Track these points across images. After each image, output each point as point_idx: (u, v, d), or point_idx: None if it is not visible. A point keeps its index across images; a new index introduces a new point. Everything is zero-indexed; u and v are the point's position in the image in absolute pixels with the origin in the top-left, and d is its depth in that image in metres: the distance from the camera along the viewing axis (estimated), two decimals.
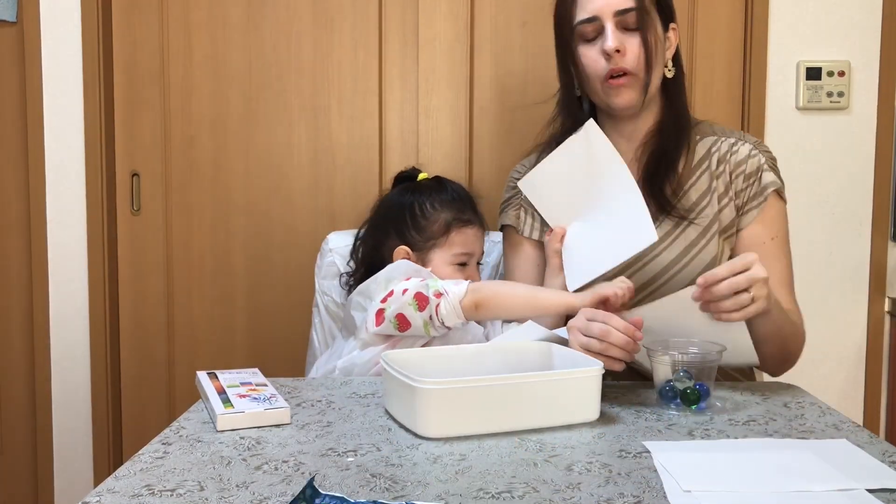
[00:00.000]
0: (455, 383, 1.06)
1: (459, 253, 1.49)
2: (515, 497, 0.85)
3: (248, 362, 2.14)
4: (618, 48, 1.36)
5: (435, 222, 1.49)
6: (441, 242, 1.49)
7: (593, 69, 1.40)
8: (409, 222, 1.50)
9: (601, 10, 1.37)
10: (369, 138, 2.14)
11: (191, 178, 2.16)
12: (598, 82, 1.41)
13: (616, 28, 1.37)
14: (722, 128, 1.51)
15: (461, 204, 1.52)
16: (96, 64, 2.10)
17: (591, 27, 1.39)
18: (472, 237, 1.51)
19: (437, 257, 1.48)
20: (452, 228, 1.49)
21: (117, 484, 0.89)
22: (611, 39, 1.36)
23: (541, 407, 1.08)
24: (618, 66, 1.37)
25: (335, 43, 2.13)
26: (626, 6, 1.37)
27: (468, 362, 1.21)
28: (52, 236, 2.16)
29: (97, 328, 2.16)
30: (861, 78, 2.10)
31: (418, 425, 1.04)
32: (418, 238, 1.49)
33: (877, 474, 0.91)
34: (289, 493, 0.86)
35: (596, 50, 1.39)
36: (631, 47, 1.37)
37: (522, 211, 1.55)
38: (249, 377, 1.27)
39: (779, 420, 1.13)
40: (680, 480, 0.89)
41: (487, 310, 1.36)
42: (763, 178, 1.44)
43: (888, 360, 2.15)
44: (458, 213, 1.50)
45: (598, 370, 1.10)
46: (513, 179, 1.58)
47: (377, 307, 1.37)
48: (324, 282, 1.73)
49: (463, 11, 2.10)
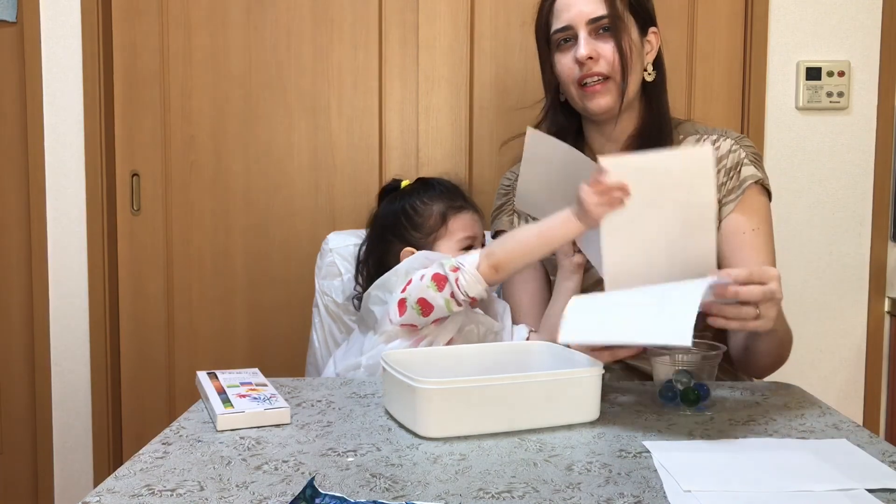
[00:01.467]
0: (455, 383, 1.06)
1: (462, 237, 1.49)
2: (515, 497, 0.85)
3: (248, 362, 2.14)
4: (590, 55, 1.39)
5: (430, 216, 1.50)
6: (442, 233, 1.49)
7: (568, 75, 1.44)
8: (406, 224, 1.50)
9: (574, 19, 1.41)
10: (369, 138, 2.14)
11: (191, 178, 2.16)
12: (573, 87, 1.44)
13: (589, 35, 1.40)
14: (705, 126, 1.52)
15: (451, 194, 1.53)
16: (96, 64, 2.10)
17: (565, 35, 1.43)
18: (470, 220, 1.51)
19: (442, 248, 1.48)
20: (449, 216, 1.49)
21: (117, 484, 0.89)
22: (583, 47, 1.40)
23: (541, 407, 1.08)
24: (590, 72, 1.40)
25: (335, 43, 2.13)
26: (599, 14, 1.40)
27: (469, 362, 1.21)
28: (52, 236, 2.16)
29: (97, 328, 2.16)
30: (861, 78, 2.10)
31: (418, 425, 1.04)
32: (419, 236, 1.49)
33: (877, 474, 0.91)
34: (289, 493, 0.86)
35: (570, 57, 1.42)
36: (605, 53, 1.40)
37: (516, 216, 1.55)
38: (249, 377, 1.27)
39: (779, 420, 1.13)
40: (680, 480, 0.89)
41: (506, 267, 1.33)
42: (742, 172, 1.44)
43: (888, 360, 2.15)
44: (450, 202, 1.51)
45: (598, 370, 1.10)
46: (504, 186, 1.59)
47: (398, 297, 1.37)
48: (324, 282, 1.73)
49: (463, 11, 2.10)
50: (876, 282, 2.13)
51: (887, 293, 2.14)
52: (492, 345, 1.33)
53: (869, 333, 2.14)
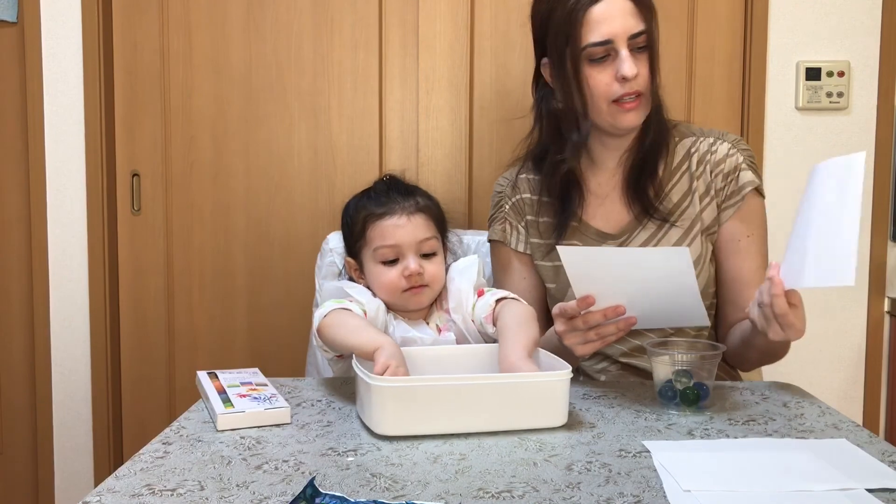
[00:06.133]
0: (409, 381, 1.07)
1: (379, 247, 1.37)
2: (515, 497, 0.85)
3: (248, 362, 2.14)
4: (637, 73, 1.34)
5: (356, 224, 1.42)
6: (363, 242, 1.40)
7: (603, 92, 1.36)
8: (345, 230, 1.47)
9: (616, 34, 1.33)
10: (369, 138, 2.14)
11: (191, 178, 2.16)
12: (604, 103, 1.38)
13: (630, 51, 1.34)
14: (700, 128, 1.52)
15: (383, 197, 1.41)
16: (96, 64, 2.10)
17: (603, 49, 1.34)
18: (391, 228, 1.37)
19: (365, 258, 1.41)
20: (367, 224, 1.39)
21: (117, 484, 0.89)
22: (628, 65, 1.33)
23: (501, 410, 1.06)
24: (631, 90, 1.36)
25: (335, 43, 2.13)
26: (640, 29, 1.35)
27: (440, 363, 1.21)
28: (52, 236, 2.16)
29: (97, 328, 2.16)
30: (861, 78, 2.10)
31: (373, 422, 1.05)
32: (351, 243, 1.44)
33: (876, 474, 0.91)
34: (289, 492, 0.86)
35: (608, 73, 1.35)
36: (642, 70, 1.36)
37: (508, 224, 1.55)
38: (249, 377, 1.27)
39: (778, 420, 1.13)
40: (680, 480, 0.89)
41: (322, 338, 1.27)
42: (741, 178, 1.44)
43: (888, 360, 2.15)
44: (374, 207, 1.40)
45: (566, 374, 1.10)
46: (497, 194, 1.58)
47: None
48: (324, 282, 1.73)
49: (463, 11, 2.10)
50: (876, 282, 2.13)
51: (887, 293, 2.14)
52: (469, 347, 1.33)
53: (868, 333, 2.14)
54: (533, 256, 1.53)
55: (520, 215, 1.54)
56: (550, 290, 1.51)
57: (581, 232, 1.48)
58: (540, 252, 1.51)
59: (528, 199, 1.54)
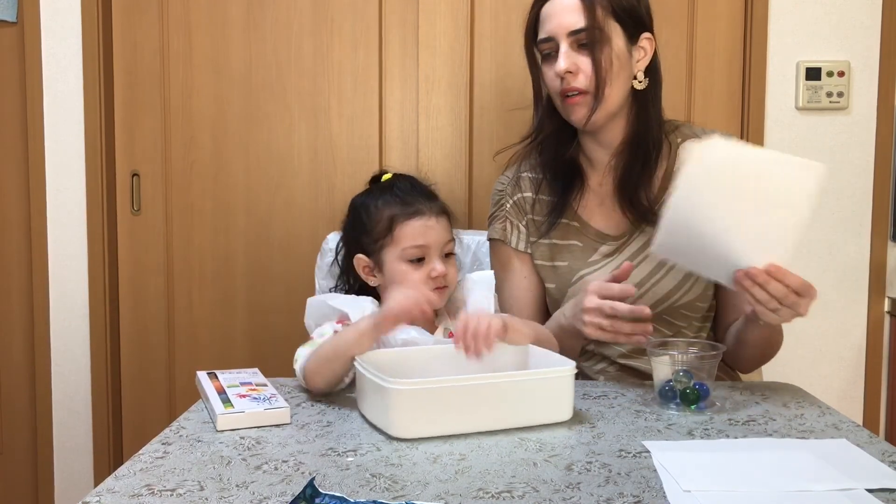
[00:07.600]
0: (426, 384, 1.06)
1: (408, 247, 1.37)
2: (515, 497, 0.85)
3: (248, 362, 2.13)
4: (569, 69, 1.38)
5: (379, 221, 1.41)
6: (388, 241, 1.40)
7: (551, 87, 1.44)
8: (360, 227, 1.45)
9: (555, 31, 1.40)
10: (369, 138, 2.14)
11: (191, 178, 2.16)
12: (557, 98, 1.44)
13: (570, 48, 1.39)
14: (702, 129, 1.52)
15: (409, 197, 1.41)
16: (96, 64, 2.10)
17: (548, 46, 1.42)
18: (422, 228, 1.38)
19: (387, 257, 1.40)
20: (396, 223, 1.39)
21: (117, 484, 0.89)
22: (562, 61, 1.39)
23: (513, 407, 1.08)
24: (569, 86, 1.40)
25: (335, 43, 2.13)
26: (579, 26, 1.38)
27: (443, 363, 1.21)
28: (52, 236, 2.16)
29: (97, 328, 2.16)
30: (861, 78, 2.10)
31: (390, 426, 1.05)
32: (368, 241, 1.43)
33: (876, 474, 0.91)
34: (289, 493, 0.86)
35: (553, 68, 1.41)
36: (584, 67, 1.39)
37: (509, 223, 1.55)
38: (249, 377, 1.27)
39: (778, 420, 1.13)
40: (679, 480, 0.89)
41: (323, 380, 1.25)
42: None
43: (888, 360, 2.15)
44: (402, 207, 1.40)
45: (571, 370, 1.10)
46: (497, 192, 1.58)
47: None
48: (324, 282, 1.73)
49: (463, 11, 2.10)
50: (876, 282, 2.13)
51: (887, 293, 2.14)
52: None
53: (869, 333, 2.14)
54: (533, 256, 1.53)
55: (521, 213, 1.54)
56: (550, 290, 1.51)
57: (582, 232, 1.48)
58: (540, 251, 1.51)
59: (530, 198, 1.54)
